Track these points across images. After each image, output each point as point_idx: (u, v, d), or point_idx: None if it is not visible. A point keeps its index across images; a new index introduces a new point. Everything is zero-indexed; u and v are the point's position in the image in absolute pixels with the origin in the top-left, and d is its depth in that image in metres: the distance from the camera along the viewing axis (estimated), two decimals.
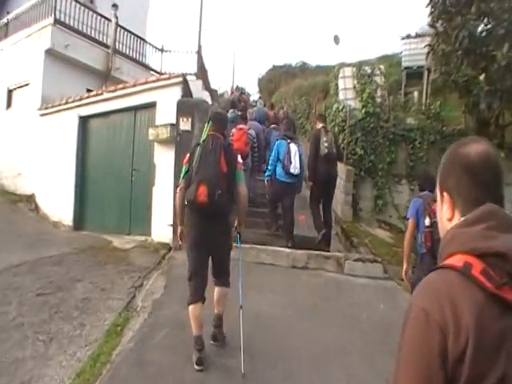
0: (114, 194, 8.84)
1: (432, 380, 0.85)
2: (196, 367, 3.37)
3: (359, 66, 9.55)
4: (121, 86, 8.65)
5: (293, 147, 6.54)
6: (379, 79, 9.40)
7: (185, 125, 7.08)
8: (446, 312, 0.87)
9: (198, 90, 13.76)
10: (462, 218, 1.03)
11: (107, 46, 12.45)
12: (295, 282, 5.62)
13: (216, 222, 3.55)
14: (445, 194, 1.10)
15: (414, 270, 4.40)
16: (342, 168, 8.52)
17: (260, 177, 8.22)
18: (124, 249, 7.35)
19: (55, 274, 5.63)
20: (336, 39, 20.96)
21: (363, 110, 8.79)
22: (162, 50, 15.05)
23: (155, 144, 7.85)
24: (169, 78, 7.72)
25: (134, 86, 8.26)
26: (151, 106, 8.04)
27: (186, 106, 7.16)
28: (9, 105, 12.24)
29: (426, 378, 0.86)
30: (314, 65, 25.90)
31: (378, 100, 9.13)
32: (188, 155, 3.73)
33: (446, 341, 0.86)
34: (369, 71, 9.43)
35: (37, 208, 10.32)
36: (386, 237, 8.17)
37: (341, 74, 9.59)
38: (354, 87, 9.30)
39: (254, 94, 25.83)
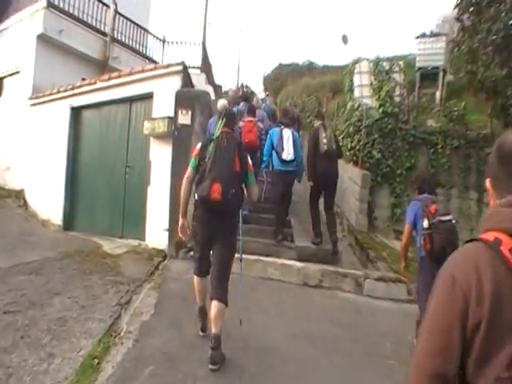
0: (107, 193, 8.09)
1: (449, 339, 0.90)
2: (200, 333, 3.71)
3: (377, 61, 8.75)
4: (115, 74, 7.89)
5: (286, 133, 6.29)
6: (398, 76, 8.63)
7: (184, 118, 6.32)
8: (471, 280, 0.91)
9: (201, 84, 13.07)
10: (502, 200, 1.05)
11: (105, 34, 11.73)
12: (308, 304, 4.85)
13: (223, 219, 3.52)
14: (487, 180, 1.14)
15: (417, 279, 4.34)
16: (356, 172, 7.78)
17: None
18: (114, 254, 6.59)
19: (30, 285, 4.86)
20: (344, 39, 20.15)
21: (380, 110, 8.03)
22: (163, 41, 14.30)
23: (151, 139, 7.10)
24: (167, 67, 6.95)
25: (130, 74, 7.50)
26: (148, 97, 7.31)
27: (186, 97, 6.40)
28: None
29: (444, 335, 0.91)
30: (321, 65, 25.52)
31: (397, 99, 8.36)
32: (199, 148, 3.68)
33: (468, 307, 0.90)
34: (387, 67, 8.65)
35: (26, 204, 9.57)
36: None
37: (357, 69, 8.81)
38: (371, 84, 8.51)
39: (260, 92, 25.16)
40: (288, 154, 6.19)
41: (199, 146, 3.71)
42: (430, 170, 8.13)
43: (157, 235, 6.79)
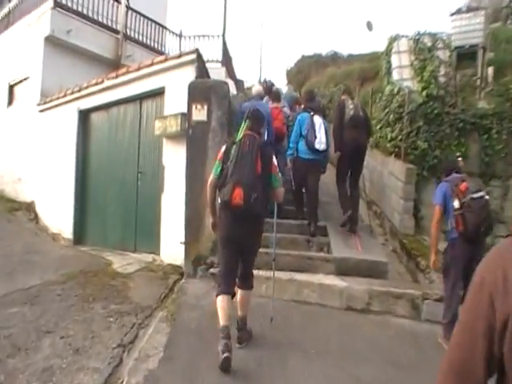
0: (118, 203, 7.34)
1: (475, 338, 0.89)
2: (222, 355, 3.12)
3: (417, 37, 7.63)
4: (123, 70, 7.11)
5: (317, 120, 5.87)
6: (442, 54, 7.50)
7: (199, 114, 5.44)
8: (498, 276, 0.89)
9: (221, 78, 12.16)
10: None
11: (117, 32, 11.02)
12: (354, 337, 3.87)
13: (248, 224, 3.46)
14: None
15: (444, 256, 4.09)
16: (399, 166, 6.73)
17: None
18: (124, 274, 5.82)
19: (21, 320, 4.08)
20: (369, 25, 18.97)
21: (424, 93, 6.92)
22: (180, 36, 13.47)
23: (164, 140, 6.28)
24: (179, 57, 6.09)
25: (138, 69, 6.71)
26: (159, 93, 6.52)
27: (200, 89, 5.51)
28: (10, 102, 10.94)
29: (471, 335, 0.91)
30: (345, 54, 24.66)
31: (442, 80, 7.24)
32: (222, 152, 3.63)
33: (494, 303, 0.88)
34: (429, 44, 7.53)
35: (36, 217, 8.95)
36: None
37: (394, 49, 7.71)
38: (412, 64, 7.42)
39: (283, 87, 24.34)
40: (321, 143, 5.76)
41: (223, 149, 3.65)
42: (484, 158, 7.00)
43: (172, 249, 5.98)
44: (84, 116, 8.08)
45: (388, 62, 8.06)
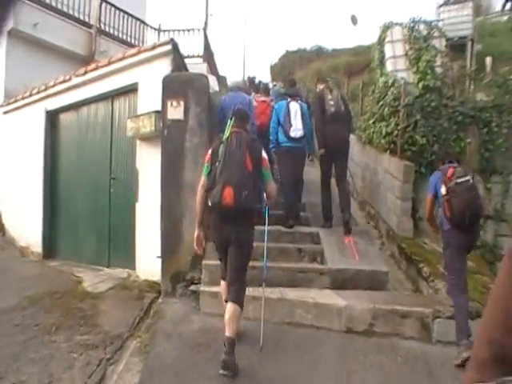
0: (89, 212, 6.70)
1: (505, 308, 0.86)
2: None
3: (412, 25, 7.10)
4: (92, 66, 6.46)
5: (293, 106, 5.66)
6: (438, 43, 6.99)
7: (174, 111, 4.85)
8: None
9: None
10: None
11: (90, 26, 10.32)
12: (358, 367, 3.30)
13: (238, 223, 3.34)
14: None
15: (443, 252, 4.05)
16: (396, 164, 6.21)
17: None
18: (95, 293, 5.22)
19: None
20: (353, 19, 18.53)
21: (420, 84, 6.41)
22: (159, 30, 12.80)
23: (137, 142, 5.67)
24: (153, 48, 5.46)
25: (109, 64, 6.07)
26: (132, 89, 5.88)
27: (176, 83, 4.91)
28: None
29: (501, 304, 0.87)
30: (330, 48, 24.57)
31: (438, 70, 6.73)
32: (209, 153, 3.54)
33: None
34: (425, 32, 7.00)
35: (3, 229, 8.26)
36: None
37: (388, 38, 7.17)
38: (406, 54, 6.90)
39: (268, 83, 23.91)
40: (297, 130, 5.55)
41: (210, 150, 3.56)
42: (485, 153, 6.52)
43: (149, 264, 5.37)
44: (52, 117, 7.40)
45: (381, 51, 7.53)
